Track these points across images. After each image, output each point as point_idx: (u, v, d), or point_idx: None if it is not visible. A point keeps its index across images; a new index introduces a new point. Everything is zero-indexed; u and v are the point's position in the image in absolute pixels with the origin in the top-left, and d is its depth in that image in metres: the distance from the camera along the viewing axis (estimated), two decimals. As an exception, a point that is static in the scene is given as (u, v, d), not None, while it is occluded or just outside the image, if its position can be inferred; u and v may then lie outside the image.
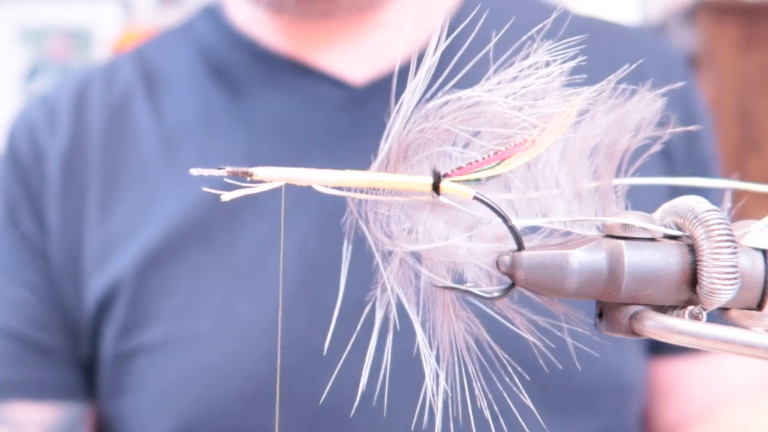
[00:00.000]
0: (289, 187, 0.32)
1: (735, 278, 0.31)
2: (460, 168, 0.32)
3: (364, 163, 0.33)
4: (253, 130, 0.73)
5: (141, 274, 0.70)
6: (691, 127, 0.36)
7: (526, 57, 0.33)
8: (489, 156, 0.32)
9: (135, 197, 0.73)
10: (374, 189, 0.33)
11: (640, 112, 0.35)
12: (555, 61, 0.33)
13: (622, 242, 0.32)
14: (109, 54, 2.07)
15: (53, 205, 0.75)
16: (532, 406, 0.34)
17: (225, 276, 0.68)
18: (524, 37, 0.33)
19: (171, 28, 0.85)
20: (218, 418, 0.66)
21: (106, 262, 0.72)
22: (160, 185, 0.72)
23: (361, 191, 0.33)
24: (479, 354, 0.34)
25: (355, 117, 0.72)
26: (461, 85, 0.32)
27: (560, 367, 0.59)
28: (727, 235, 0.31)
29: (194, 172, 0.33)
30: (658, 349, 0.74)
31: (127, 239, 0.71)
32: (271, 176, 0.32)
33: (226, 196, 0.32)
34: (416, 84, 0.32)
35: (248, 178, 0.32)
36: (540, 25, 0.33)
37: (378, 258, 0.33)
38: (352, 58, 0.74)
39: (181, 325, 0.68)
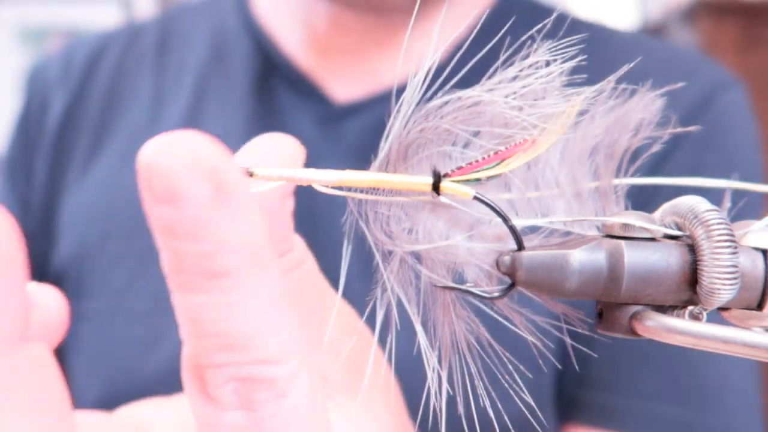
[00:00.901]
0: None
1: (735, 278, 0.31)
2: (460, 168, 0.32)
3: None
4: (230, 119, 0.75)
5: (102, 242, 0.71)
6: (690, 128, 0.36)
7: (527, 57, 0.33)
8: (489, 156, 0.32)
9: (112, 163, 0.75)
10: (374, 189, 0.33)
11: (640, 111, 0.35)
12: (556, 60, 0.33)
13: (622, 242, 0.32)
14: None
15: (43, 159, 0.77)
16: (533, 404, 0.34)
17: None
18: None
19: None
20: (145, 394, 0.67)
21: (75, 224, 0.74)
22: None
23: (361, 191, 0.33)
24: (481, 353, 0.34)
25: (325, 133, 0.73)
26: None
27: (559, 366, 0.59)
28: (728, 235, 0.31)
29: None
30: (569, 415, 0.72)
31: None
32: (271, 175, 0.32)
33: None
34: (416, 84, 0.32)
35: (249, 177, 0.32)
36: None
37: (378, 258, 0.33)
38: (348, 79, 0.75)
39: (124, 298, 0.70)
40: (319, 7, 0.74)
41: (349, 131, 0.72)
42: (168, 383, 0.65)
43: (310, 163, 0.74)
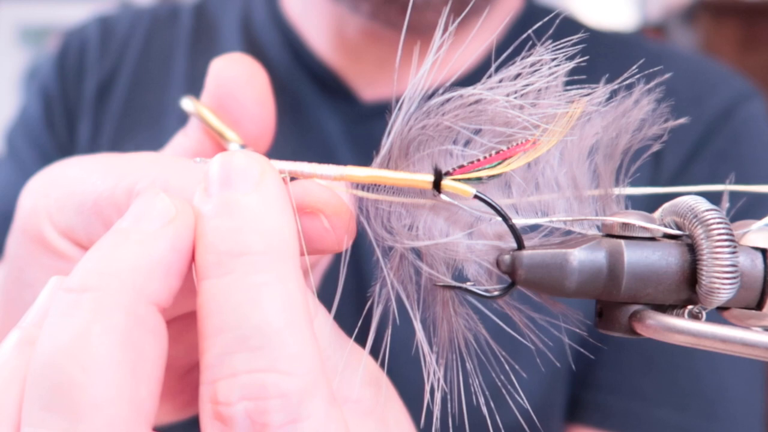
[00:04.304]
0: None
1: (735, 277, 0.31)
2: (461, 166, 0.32)
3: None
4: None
5: None
6: (680, 120, 0.36)
7: (528, 56, 0.33)
8: (490, 155, 0.32)
9: (144, 141, 0.75)
10: (375, 185, 0.33)
11: (639, 112, 0.35)
12: (557, 60, 0.33)
13: (622, 241, 0.32)
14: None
15: (86, 122, 0.78)
16: (527, 404, 0.34)
17: None
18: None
19: None
20: None
21: None
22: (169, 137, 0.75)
23: (363, 188, 0.33)
24: (478, 350, 0.34)
25: (352, 132, 0.74)
26: None
27: (558, 365, 0.59)
28: (727, 234, 0.31)
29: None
30: (574, 416, 0.72)
31: None
32: (275, 169, 0.32)
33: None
34: (418, 81, 0.32)
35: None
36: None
37: (378, 253, 0.33)
38: (377, 81, 0.75)
39: None
40: (353, 18, 0.74)
41: (377, 130, 0.72)
42: None
43: (334, 159, 0.74)
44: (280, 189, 0.29)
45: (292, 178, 0.32)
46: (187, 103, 0.42)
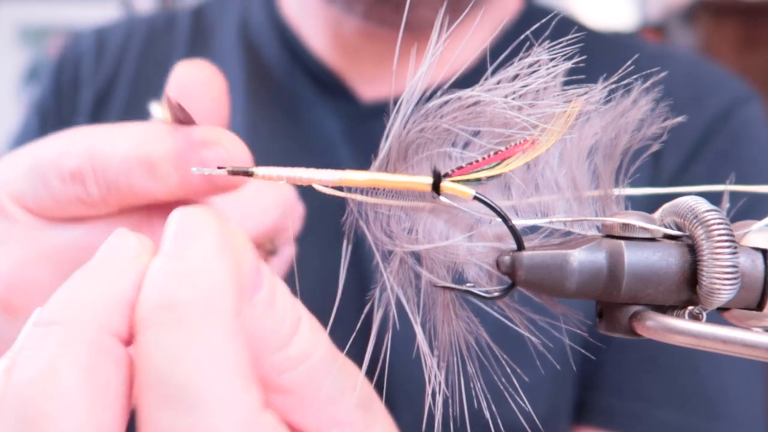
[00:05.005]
0: None
1: (735, 278, 0.31)
2: (460, 168, 0.32)
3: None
4: (255, 112, 0.75)
5: None
6: (678, 119, 0.36)
7: (526, 56, 0.33)
8: (489, 156, 0.32)
9: None
10: (374, 189, 0.33)
11: (638, 112, 0.35)
12: (555, 60, 0.33)
13: (622, 242, 0.32)
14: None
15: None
16: (529, 408, 0.34)
17: None
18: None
19: None
20: None
21: None
22: None
23: (362, 192, 0.33)
24: (479, 353, 0.34)
25: (352, 131, 0.73)
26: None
27: (558, 367, 0.59)
28: (727, 235, 0.31)
29: (195, 171, 0.33)
30: (579, 417, 0.72)
31: None
32: (272, 175, 0.32)
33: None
34: (416, 83, 0.32)
35: (249, 178, 0.32)
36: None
37: (378, 257, 0.33)
38: (375, 80, 0.75)
39: None
40: (348, 19, 0.74)
41: (377, 130, 0.71)
42: None
43: (334, 160, 0.74)
44: (220, 240, 0.29)
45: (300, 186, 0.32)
46: (155, 108, 0.45)
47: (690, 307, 0.33)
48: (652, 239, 0.32)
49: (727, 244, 0.31)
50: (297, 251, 0.66)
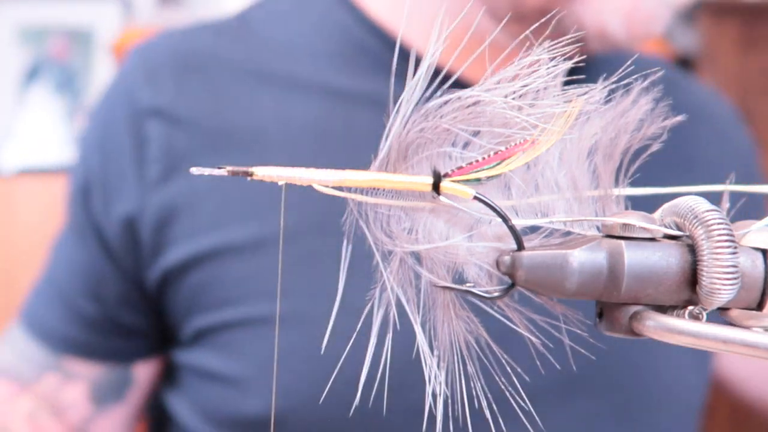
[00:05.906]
0: None
1: (735, 278, 0.31)
2: (460, 168, 0.32)
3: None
4: (374, 119, 0.72)
5: (252, 247, 0.69)
6: (677, 118, 0.36)
7: (526, 56, 0.33)
8: (489, 156, 0.32)
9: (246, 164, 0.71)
10: (374, 189, 0.33)
11: (638, 112, 0.35)
12: (554, 60, 0.33)
13: (623, 242, 0.32)
14: (110, 55, 2.06)
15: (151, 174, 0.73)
16: (530, 408, 0.34)
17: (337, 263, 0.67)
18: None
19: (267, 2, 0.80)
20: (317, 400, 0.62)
21: (200, 231, 0.71)
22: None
23: (362, 192, 0.33)
24: (479, 353, 0.34)
25: None
26: None
27: (558, 366, 0.59)
28: (727, 235, 0.31)
29: (195, 171, 0.33)
30: None
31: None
32: (271, 176, 0.32)
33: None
34: (416, 83, 0.32)
35: (249, 178, 0.32)
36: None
37: (378, 257, 0.33)
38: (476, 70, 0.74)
39: (294, 303, 0.68)
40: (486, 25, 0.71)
41: None
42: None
43: None
44: None
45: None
46: None
47: (690, 307, 0.33)
48: (652, 239, 0.32)
49: (727, 244, 0.31)
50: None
